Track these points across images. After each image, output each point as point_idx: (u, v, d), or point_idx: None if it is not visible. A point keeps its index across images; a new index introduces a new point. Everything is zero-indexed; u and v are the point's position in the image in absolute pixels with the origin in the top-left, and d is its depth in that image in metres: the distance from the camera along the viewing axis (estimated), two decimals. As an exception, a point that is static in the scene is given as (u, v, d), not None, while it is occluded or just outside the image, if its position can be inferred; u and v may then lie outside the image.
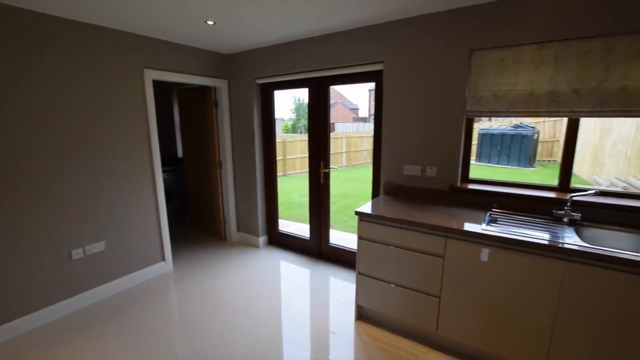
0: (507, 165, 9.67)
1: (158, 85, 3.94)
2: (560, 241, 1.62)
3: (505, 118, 9.93)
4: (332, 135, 11.41)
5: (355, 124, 18.72)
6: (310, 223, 3.35)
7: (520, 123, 9.91)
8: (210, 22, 2.41)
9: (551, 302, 1.61)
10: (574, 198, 1.89)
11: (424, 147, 2.42)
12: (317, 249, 3.35)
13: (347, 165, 11.27)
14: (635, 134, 6.20)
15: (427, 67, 2.32)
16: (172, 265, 3.16)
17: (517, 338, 1.73)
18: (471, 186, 2.31)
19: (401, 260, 2.02)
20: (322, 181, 3.17)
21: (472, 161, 10.85)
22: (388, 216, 2.02)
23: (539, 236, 1.69)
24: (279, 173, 9.66)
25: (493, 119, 11.40)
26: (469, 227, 1.80)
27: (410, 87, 2.41)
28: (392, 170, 2.59)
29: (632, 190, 5.27)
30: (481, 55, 2.15)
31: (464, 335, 1.89)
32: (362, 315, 2.36)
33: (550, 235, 1.77)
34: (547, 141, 9.99)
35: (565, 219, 1.89)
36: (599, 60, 1.83)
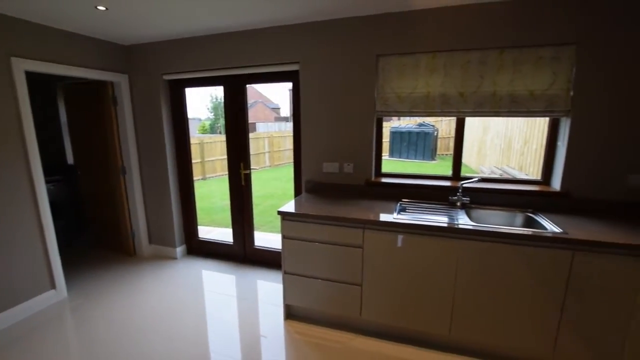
0: (414, 159, 10.87)
1: (38, 79, 3.28)
2: (455, 223, 1.89)
3: (411, 117, 11.12)
4: (253, 135, 11.22)
5: (277, 124, 18.67)
6: (233, 227, 3.22)
7: (423, 122, 11.24)
8: (101, 8, 2.10)
9: (451, 275, 1.87)
10: (464, 185, 2.23)
11: (340, 145, 2.55)
12: (242, 253, 3.24)
13: (270, 166, 11.17)
14: (506, 130, 7.60)
15: (340, 69, 2.44)
16: (66, 293, 2.67)
17: (428, 311, 1.96)
18: (384, 180, 2.52)
19: (325, 255, 2.09)
20: (243, 183, 3.07)
21: (386, 157, 11.89)
22: (310, 213, 2.06)
23: (439, 220, 1.94)
24: (197, 177, 9.11)
25: (401, 118, 12.66)
26: (382, 217, 1.97)
27: (326, 87, 2.50)
28: (312, 168, 2.66)
29: (506, 176, 6.46)
30: (386, 60, 2.35)
31: (384, 316, 2.06)
32: (291, 314, 2.37)
33: (448, 218, 2.06)
34: (445, 137, 11.54)
35: (458, 204, 2.21)
36: (476, 69, 2.18)
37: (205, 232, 4.04)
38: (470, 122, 10.26)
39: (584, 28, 1.93)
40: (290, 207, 2.20)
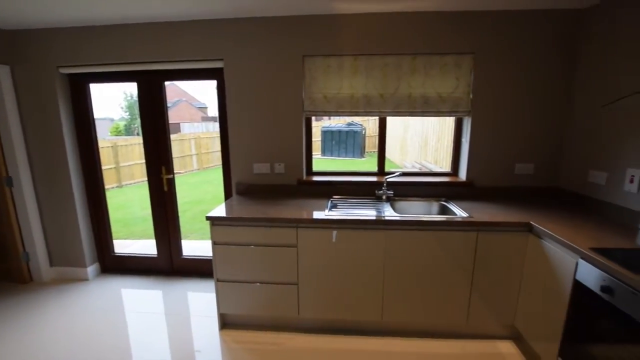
0: (345, 157, 11.35)
1: None
2: (381, 215, 2.02)
3: (341, 117, 11.57)
4: (177, 136, 10.40)
5: (205, 124, 17.60)
6: (157, 238, 2.94)
7: (352, 121, 11.80)
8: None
9: (380, 264, 2.00)
10: (388, 180, 2.40)
11: (271, 146, 2.51)
12: (168, 265, 2.97)
13: (199, 169, 10.50)
14: (422, 128, 8.43)
15: (267, 68, 2.40)
16: None
17: (361, 300, 2.06)
18: (315, 178, 2.57)
19: (259, 258, 2.04)
20: (166, 188, 2.82)
21: (318, 156, 12.14)
22: (241, 216, 2.00)
23: (367, 213, 2.06)
24: (111, 184, 8.08)
25: (331, 117, 13.08)
26: (315, 215, 2.00)
27: (253, 86, 2.44)
28: (242, 170, 2.57)
29: (424, 170, 7.17)
30: (312, 61, 2.39)
31: (321, 312, 2.10)
32: (226, 323, 2.26)
33: (375, 211, 2.20)
34: (372, 136, 12.29)
35: (384, 197, 2.38)
36: (394, 72, 2.36)
37: (124, 247, 3.62)
38: (393, 121, 11.12)
39: (479, 41, 2.25)
40: (220, 211, 2.09)
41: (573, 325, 1.56)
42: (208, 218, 2.01)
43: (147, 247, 3.48)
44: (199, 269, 2.94)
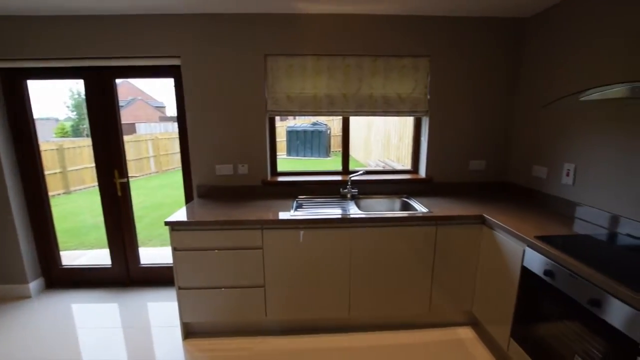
0: (311, 156, 11.38)
1: None
2: (346, 213, 2.05)
3: (305, 117, 11.58)
4: (132, 137, 9.78)
5: (163, 124, 16.72)
6: (111, 247, 2.74)
7: (317, 121, 11.85)
8: None
9: (346, 261, 2.03)
10: (352, 178, 2.45)
11: (233, 146, 2.45)
12: (124, 275, 2.78)
13: (157, 172, 9.96)
14: (385, 128, 8.69)
15: (229, 67, 2.34)
16: None
17: (329, 298, 2.08)
18: (280, 179, 2.55)
19: (223, 262, 1.98)
20: (120, 193, 2.63)
21: (284, 156, 12.05)
22: (204, 220, 1.92)
23: (333, 212, 2.08)
24: (57, 191, 7.39)
25: (296, 117, 13.04)
26: (280, 215, 1.98)
27: (213, 85, 2.36)
28: (203, 171, 2.48)
29: (387, 168, 7.40)
30: (274, 60, 2.37)
31: (289, 313, 2.09)
32: (190, 332, 2.17)
33: (340, 209, 2.23)
34: (337, 135, 12.43)
35: (349, 195, 2.42)
36: (355, 73, 2.41)
37: (73, 258, 3.34)
38: (357, 121, 11.36)
39: (434, 44, 2.36)
40: (180, 215, 2.00)
41: (522, 307, 1.69)
42: (167, 223, 1.91)
43: (100, 257, 3.24)
44: (159, 278, 2.79)
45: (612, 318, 1.19)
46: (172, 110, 23.04)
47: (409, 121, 5.91)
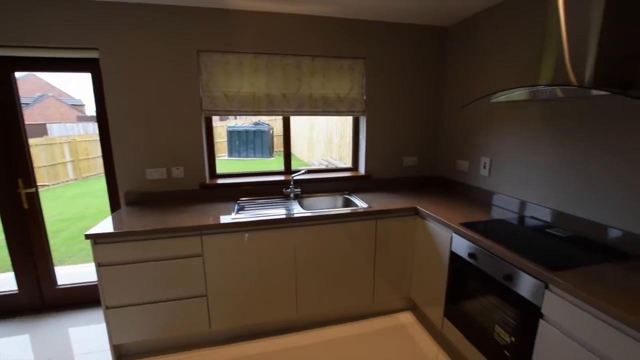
0: (254, 157, 11.12)
1: None
2: (289, 213, 2.05)
3: (247, 116, 11.27)
4: (43, 140, 8.48)
5: (82, 125, 14.79)
6: (16, 269, 2.34)
7: (259, 121, 11.62)
8: None
9: (291, 261, 2.03)
10: (295, 178, 2.45)
11: (166, 148, 2.27)
12: (37, 300, 2.40)
13: (77, 179, 8.80)
14: (327, 127, 8.88)
15: (158, 61, 2.16)
16: None
17: (276, 300, 2.05)
18: (220, 181, 2.44)
19: (159, 274, 1.83)
20: (26, 206, 2.26)
21: (225, 157, 11.59)
22: (134, 230, 1.74)
23: (276, 213, 2.05)
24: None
25: (237, 117, 12.62)
26: (220, 219, 1.90)
27: (140, 81, 2.15)
28: (132, 177, 2.25)
29: (330, 166, 7.56)
30: (209, 56, 2.25)
31: (235, 320, 2.01)
32: (123, 355, 1.96)
33: (284, 209, 2.21)
34: (280, 135, 12.35)
35: (292, 195, 2.41)
36: (294, 73, 2.41)
37: (-35, 286, 2.77)
38: (300, 121, 11.41)
39: (369, 47, 2.47)
40: (105, 226, 1.79)
41: (452, 289, 1.87)
42: (88, 236, 1.70)
43: (3, 282, 2.74)
44: (81, 299, 2.46)
45: (521, 289, 1.38)
46: (93, 108, 20.47)
47: (349, 120, 6.11)
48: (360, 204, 2.26)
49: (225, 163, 10.29)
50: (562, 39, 1.43)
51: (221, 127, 11.85)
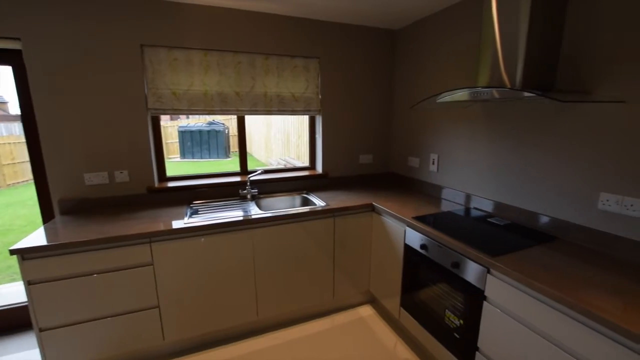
0: (209, 158, 10.67)
1: None
2: (246, 214, 2.00)
3: (200, 116, 10.77)
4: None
5: (6, 125, 13.03)
6: None
7: (213, 120, 11.16)
8: None
9: (250, 263, 1.98)
10: (251, 178, 2.40)
11: (107, 150, 2.09)
12: (-49, 328, 2.07)
13: (0, 187, 7.73)
14: (284, 126, 8.82)
15: (96, 56, 1.97)
16: None
17: (235, 304, 1.99)
18: (171, 184, 2.30)
19: (104, 287, 1.68)
20: None
21: (177, 159, 11.00)
22: (70, 241, 1.57)
23: (232, 215, 1.99)
24: None
25: (189, 116, 12.01)
26: (172, 224, 1.79)
27: (74, 76, 1.95)
28: (67, 183, 2.03)
29: (288, 165, 7.53)
30: (154, 52, 2.11)
31: (192, 329, 1.92)
32: (62, 379, 1.77)
33: (241, 211, 2.15)
34: (236, 135, 12.00)
35: (249, 196, 2.36)
36: (248, 71, 2.35)
37: None
38: (256, 120, 11.18)
39: (323, 47, 2.49)
40: (35, 239, 1.59)
41: (407, 279, 1.97)
42: (14, 252, 1.50)
43: None
44: (8, 322, 2.17)
45: (467, 275, 1.49)
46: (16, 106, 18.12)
47: (306, 119, 6.11)
48: (318, 202, 2.28)
49: (178, 165, 9.74)
50: (496, 45, 1.56)
51: (172, 127, 11.19)
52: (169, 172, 2.42)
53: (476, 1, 1.94)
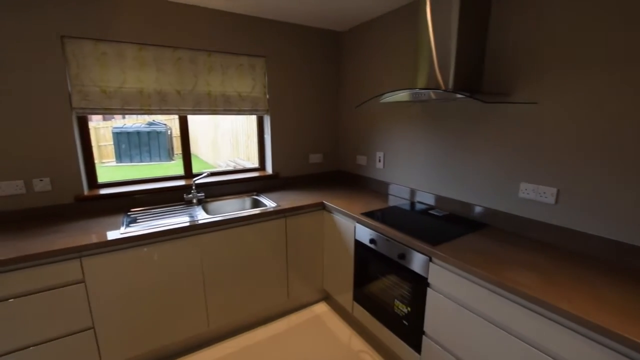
0: (150, 161, 9.89)
1: None
2: (192, 220, 1.89)
3: (139, 116, 9.93)
4: None
5: None
6: None
7: (153, 120, 10.36)
8: None
9: (198, 271, 1.88)
10: (197, 181, 2.28)
11: (21, 155, 1.82)
12: None
13: None
14: (232, 127, 8.53)
15: (6, 49, 1.69)
16: None
17: (184, 316, 1.88)
18: (104, 191, 2.09)
19: (24, 313, 1.46)
20: None
21: (111, 163, 10.03)
22: (-24, 263, 1.35)
23: (176, 221, 1.87)
24: None
25: (127, 116, 11.01)
26: (106, 236, 1.63)
27: (-29, 71, 1.66)
28: (-30, 194, 1.74)
29: (238, 167, 7.30)
30: (77, 44, 1.89)
31: (134, 348, 1.76)
32: None
33: (187, 217, 2.03)
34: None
35: (194, 200, 2.24)
36: (188, 68, 2.22)
37: None
38: (202, 120, 10.64)
39: (270, 46, 2.46)
40: None
41: (358, 274, 2.03)
42: None
43: None
44: None
45: (413, 265, 1.59)
46: None
47: (254, 119, 5.98)
48: (269, 203, 2.25)
49: (114, 170, 8.86)
50: (431, 49, 1.68)
51: (105, 127, 10.16)
52: (103, 178, 2.20)
53: (416, 7, 2.07)
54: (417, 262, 1.56)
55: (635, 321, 0.95)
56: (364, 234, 1.91)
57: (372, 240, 1.84)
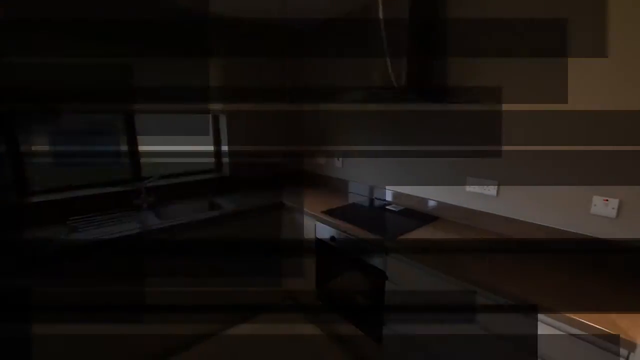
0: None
1: None
2: (142, 227, 1.76)
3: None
4: None
5: None
6: None
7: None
8: None
9: (151, 282, 1.76)
10: (146, 185, 2.12)
11: None
12: None
13: None
14: (187, 127, 8.08)
15: None
16: None
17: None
18: (36, 199, 1.86)
19: None
20: None
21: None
22: None
23: (125, 228, 1.72)
24: None
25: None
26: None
27: None
28: None
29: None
30: None
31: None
32: None
33: (136, 224, 1.88)
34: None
35: (145, 205, 2.08)
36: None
37: None
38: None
39: (220, 41, 2.36)
40: None
41: (321, 272, 2.04)
42: None
43: None
44: None
45: (371, 260, 1.63)
46: None
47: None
48: (227, 205, 2.17)
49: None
50: (384, 49, 1.72)
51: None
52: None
53: (372, 8, 2.11)
54: (375, 256, 1.60)
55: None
56: (325, 232, 1.91)
57: (332, 238, 1.86)
